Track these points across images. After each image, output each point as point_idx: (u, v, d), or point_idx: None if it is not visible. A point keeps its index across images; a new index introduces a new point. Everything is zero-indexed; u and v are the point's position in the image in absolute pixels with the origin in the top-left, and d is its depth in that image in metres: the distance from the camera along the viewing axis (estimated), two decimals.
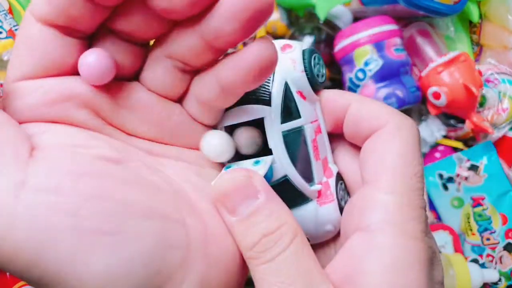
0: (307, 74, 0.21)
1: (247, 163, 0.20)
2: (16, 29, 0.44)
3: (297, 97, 0.20)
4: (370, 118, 0.20)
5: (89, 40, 0.18)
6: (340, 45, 0.51)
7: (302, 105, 0.20)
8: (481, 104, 0.52)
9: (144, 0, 0.16)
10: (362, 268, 0.17)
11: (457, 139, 0.55)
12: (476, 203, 0.52)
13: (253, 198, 0.17)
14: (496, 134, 0.52)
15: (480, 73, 0.50)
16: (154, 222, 0.16)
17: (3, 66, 0.42)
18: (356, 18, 0.54)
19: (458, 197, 0.53)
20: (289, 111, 0.20)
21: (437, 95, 0.49)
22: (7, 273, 0.43)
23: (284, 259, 0.17)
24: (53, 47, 0.17)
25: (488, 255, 0.52)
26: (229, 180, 0.17)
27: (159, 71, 0.18)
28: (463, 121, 0.51)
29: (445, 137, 0.55)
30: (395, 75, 0.49)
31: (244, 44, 0.17)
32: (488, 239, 0.52)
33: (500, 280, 0.50)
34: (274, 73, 0.20)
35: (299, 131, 0.20)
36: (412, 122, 0.20)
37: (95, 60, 0.17)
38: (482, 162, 0.51)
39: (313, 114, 0.21)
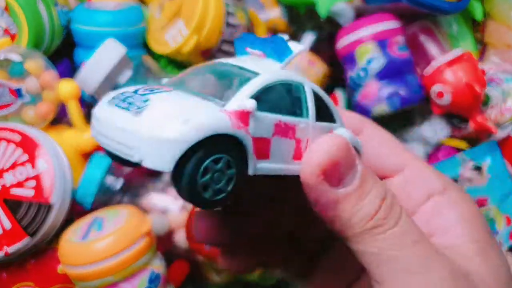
0: None
1: None
2: (12, 28, 0.44)
3: None
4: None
5: None
6: (342, 42, 0.51)
7: None
8: (485, 103, 0.52)
9: None
10: (448, 218, 0.18)
11: (462, 138, 0.55)
12: (480, 204, 0.52)
13: (354, 165, 0.16)
14: (499, 134, 0.52)
15: (483, 72, 0.50)
16: None
17: None
18: (358, 16, 0.54)
19: None
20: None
21: (440, 94, 0.49)
22: (3, 274, 0.43)
23: (405, 219, 0.16)
24: None
25: None
26: (340, 148, 0.16)
27: None
28: (467, 121, 0.51)
29: (450, 136, 0.55)
30: (399, 74, 0.49)
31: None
32: None
33: None
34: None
35: None
36: None
37: None
38: (486, 163, 0.51)
39: None
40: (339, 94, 0.55)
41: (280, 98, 0.16)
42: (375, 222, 0.16)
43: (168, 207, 0.42)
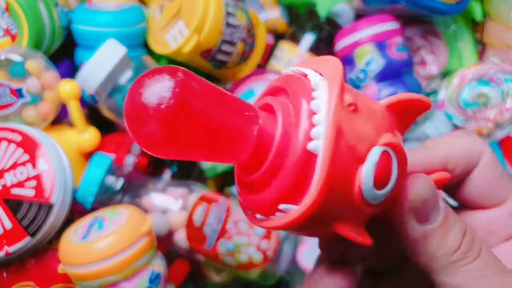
0: None
1: None
2: (12, 28, 0.44)
3: None
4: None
5: None
6: (340, 44, 0.50)
7: None
8: (485, 104, 0.52)
9: None
10: None
11: None
12: None
13: (438, 203, 0.18)
14: (499, 134, 0.52)
15: None
16: None
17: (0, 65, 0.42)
18: (358, 16, 0.54)
19: None
20: None
21: None
22: (4, 274, 0.43)
23: (486, 252, 0.18)
24: None
25: None
26: (427, 188, 0.18)
27: None
28: (465, 122, 0.51)
29: None
30: (397, 75, 0.49)
31: (244, 42, 0.16)
32: None
33: None
34: None
35: None
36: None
37: None
38: None
39: None
40: None
41: None
42: (459, 255, 0.17)
43: (168, 207, 0.42)
